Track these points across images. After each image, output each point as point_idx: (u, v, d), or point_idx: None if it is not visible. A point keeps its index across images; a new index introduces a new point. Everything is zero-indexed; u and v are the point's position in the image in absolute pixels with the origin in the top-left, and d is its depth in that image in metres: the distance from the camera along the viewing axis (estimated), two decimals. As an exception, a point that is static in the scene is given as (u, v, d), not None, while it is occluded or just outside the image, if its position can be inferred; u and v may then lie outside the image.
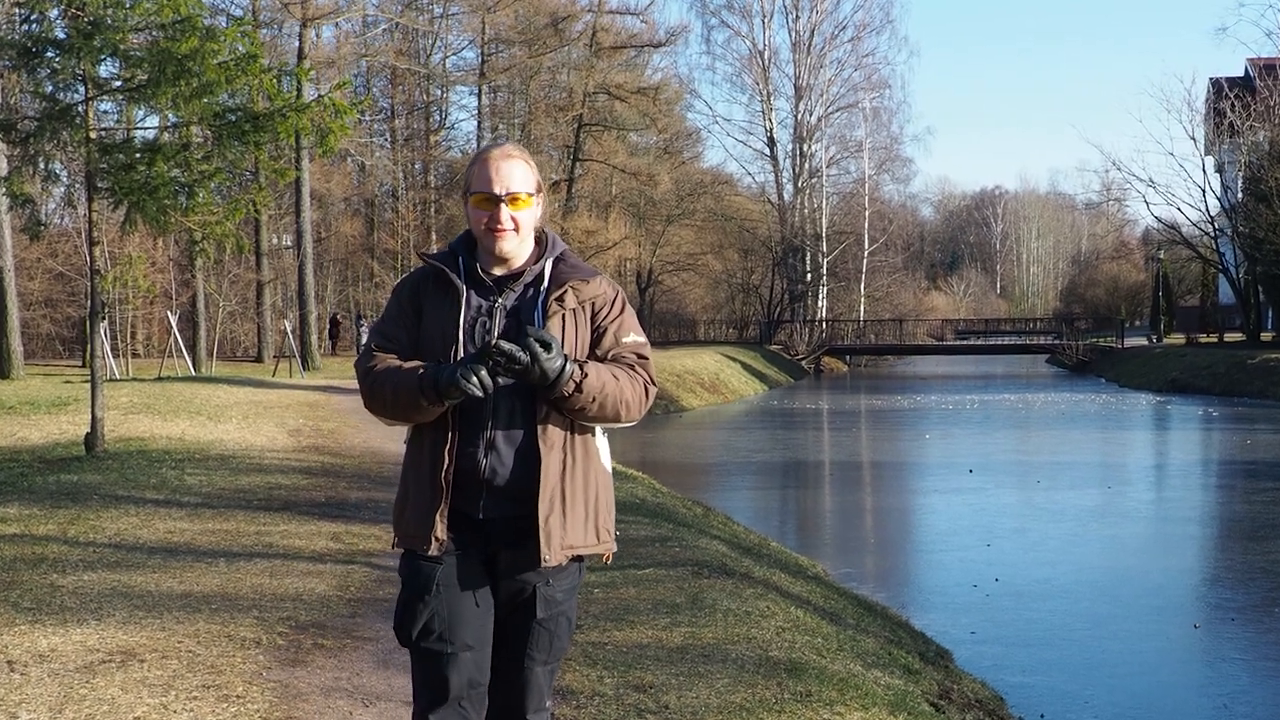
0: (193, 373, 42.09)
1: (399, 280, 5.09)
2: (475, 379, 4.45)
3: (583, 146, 69.95)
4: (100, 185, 19.27)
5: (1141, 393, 57.69)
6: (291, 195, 55.03)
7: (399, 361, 4.76)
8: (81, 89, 19.31)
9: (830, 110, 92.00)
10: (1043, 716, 11.29)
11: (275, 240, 62.60)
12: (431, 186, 69.52)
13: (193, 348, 47.82)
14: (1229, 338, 72.69)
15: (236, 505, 15.38)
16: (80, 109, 19.11)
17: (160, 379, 35.23)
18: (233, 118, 18.97)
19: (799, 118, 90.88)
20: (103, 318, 21.40)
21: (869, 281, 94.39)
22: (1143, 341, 79.95)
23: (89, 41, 18.14)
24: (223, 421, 24.40)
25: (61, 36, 19.11)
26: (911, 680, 9.99)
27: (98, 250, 21.12)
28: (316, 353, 52.34)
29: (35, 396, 26.82)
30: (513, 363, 4.46)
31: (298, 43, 52.36)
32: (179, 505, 15.18)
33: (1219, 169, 75.21)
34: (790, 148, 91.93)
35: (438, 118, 72.82)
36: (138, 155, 19.07)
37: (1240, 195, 69.99)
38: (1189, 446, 37.36)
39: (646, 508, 17.55)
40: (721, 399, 56.57)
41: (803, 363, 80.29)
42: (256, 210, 24.23)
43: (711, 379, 59.33)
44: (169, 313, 45.57)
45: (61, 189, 29.34)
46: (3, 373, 34.52)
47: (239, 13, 49.25)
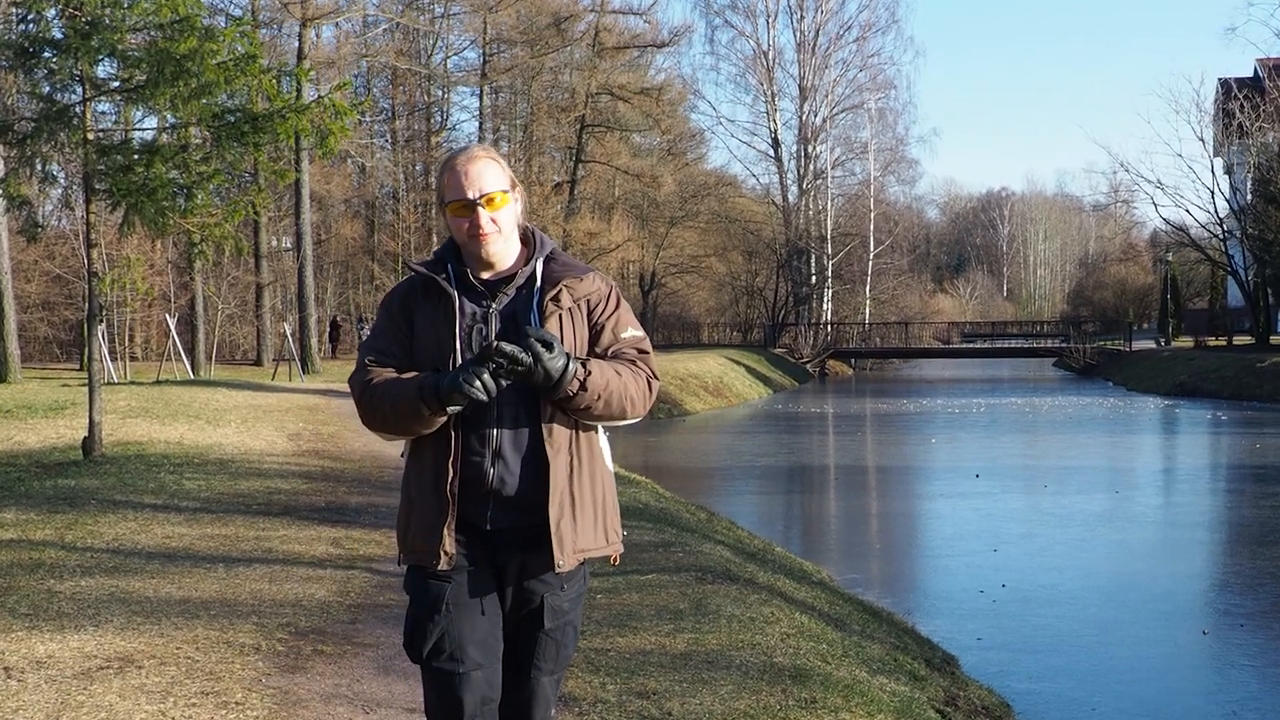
0: (191, 376, 42.07)
1: (387, 293, 5.05)
2: (479, 382, 4.41)
3: (585, 148, 69.99)
4: (98, 187, 19.27)
5: (1149, 396, 57.70)
6: (291, 197, 55.06)
7: (395, 374, 4.73)
8: (79, 90, 19.30)
9: (835, 111, 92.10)
10: (1050, 723, 11.30)
11: (275, 242, 62.65)
12: (433, 188, 69.36)
13: (191, 351, 47.83)
14: (1238, 341, 72.66)
15: (235, 510, 15.38)
16: (78, 110, 19.11)
17: (158, 382, 35.23)
18: (232, 119, 18.96)
19: (803, 118, 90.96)
20: (100, 320, 21.41)
21: (874, 284, 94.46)
22: (1151, 345, 79.91)
23: (86, 42, 18.14)
24: (221, 425, 24.40)
25: (59, 36, 19.11)
26: (917, 687, 9.98)
27: (95, 252, 21.11)
28: (316, 356, 52.36)
29: (32, 400, 26.82)
30: (515, 364, 4.41)
31: (297, 43, 52.42)
32: (177, 510, 15.18)
33: (1228, 170, 75.24)
34: (795, 149, 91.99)
35: (439, 119, 72.83)
36: (136, 156, 19.07)
37: (1249, 197, 70.00)
38: (1197, 450, 37.37)
39: (650, 512, 17.55)
40: (725, 403, 56.58)
41: (807, 366, 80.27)
42: (256, 212, 24.21)
43: (715, 382, 59.33)
44: (167, 315, 45.53)
45: (59, 191, 29.40)
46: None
47: (238, 12, 49.33)
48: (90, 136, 19.17)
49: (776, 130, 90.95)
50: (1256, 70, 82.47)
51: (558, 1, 67.67)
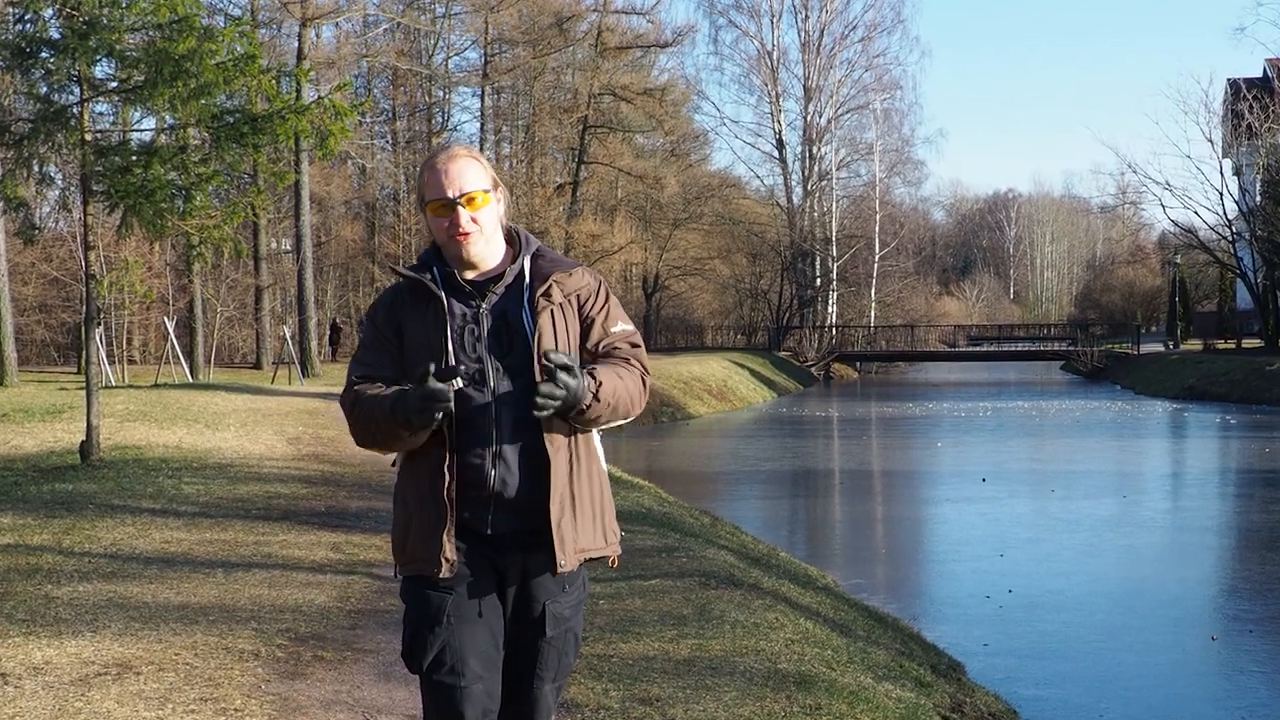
0: (190, 380, 42.10)
1: (371, 303, 5.02)
2: (440, 410, 4.42)
3: (588, 149, 70.01)
4: (96, 188, 19.28)
5: (1158, 400, 57.69)
6: (291, 199, 55.05)
7: (383, 389, 4.68)
8: (76, 90, 19.31)
9: (840, 112, 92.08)
10: (1057, 730, 11.29)
11: (274, 244, 62.60)
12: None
13: (190, 354, 47.86)
14: (1247, 344, 72.65)
15: (234, 515, 15.38)
16: (75, 110, 19.12)
17: (157, 386, 35.24)
18: (231, 119, 18.97)
19: (808, 119, 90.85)
20: (98, 323, 21.44)
21: (880, 286, 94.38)
22: (1159, 348, 79.89)
23: (84, 42, 18.15)
24: (220, 429, 24.40)
25: (56, 36, 19.12)
26: (923, 693, 9.98)
27: (93, 255, 21.10)
28: (316, 359, 52.37)
29: (29, 404, 26.84)
30: (567, 373, 4.40)
31: (297, 43, 52.43)
32: (176, 515, 15.18)
33: (1237, 171, 75.24)
34: (799, 150, 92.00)
35: (440, 119, 72.83)
36: (134, 158, 19.08)
37: (1259, 198, 70.00)
38: (1206, 455, 37.35)
39: (653, 517, 17.54)
40: (729, 406, 56.59)
41: (812, 369, 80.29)
42: (255, 214, 24.21)
43: (719, 386, 59.35)
44: (166, 318, 45.54)
45: (56, 192, 29.33)
46: (-4, 380, 34.56)
47: (237, 12, 49.36)
48: (88, 137, 19.18)
49: (781, 131, 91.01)
50: (1266, 70, 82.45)
51: (560, 1, 67.69)
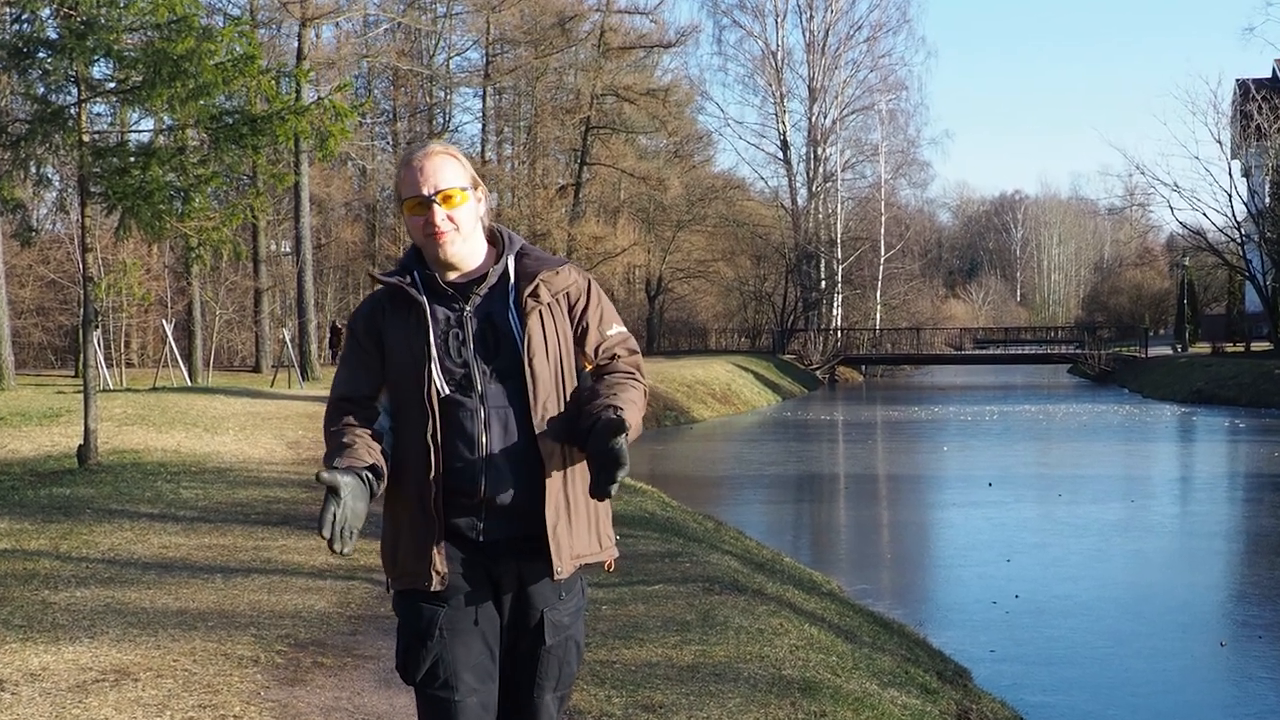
0: (188, 383, 42.10)
1: (351, 314, 4.95)
2: (327, 529, 4.40)
3: (590, 150, 70.08)
4: (93, 190, 19.30)
5: (1166, 403, 57.63)
6: (290, 200, 55.06)
7: (354, 422, 4.65)
8: (74, 91, 19.34)
9: (845, 112, 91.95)
10: (1065, 737, 11.29)
11: (274, 246, 62.67)
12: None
13: (189, 357, 47.91)
14: (1256, 347, 72.56)
15: (234, 519, 15.39)
16: (73, 111, 19.14)
17: (155, 389, 35.25)
18: (230, 120, 18.99)
19: (813, 120, 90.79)
20: (96, 326, 21.45)
21: (885, 289, 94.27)
22: (1167, 351, 79.84)
23: (82, 42, 18.17)
24: (219, 433, 24.41)
25: (53, 36, 19.15)
26: (929, 700, 9.98)
27: (91, 257, 21.11)
28: (316, 362, 52.31)
29: (26, 407, 26.85)
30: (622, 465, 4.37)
31: (297, 43, 52.43)
32: (174, 519, 15.19)
33: (1246, 173, 75.16)
34: (804, 151, 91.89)
35: (441, 120, 72.81)
36: (132, 159, 19.10)
37: (1268, 200, 69.94)
38: (1215, 459, 37.33)
39: (656, 522, 17.55)
40: (733, 410, 56.57)
41: (817, 373, 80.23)
42: (254, 216, 24.22)
43: (723, 389, 59.33)
44: (164, 321, 45.56)
45: (54, 194, 29.46)
46: (-7, 383, 34.58)
47: (236, 12, 49.39)
48: (85, 138, 19.20)
49: (785, 132, 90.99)
50: (1275, 71, 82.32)
51: (562, 1, 67.72)
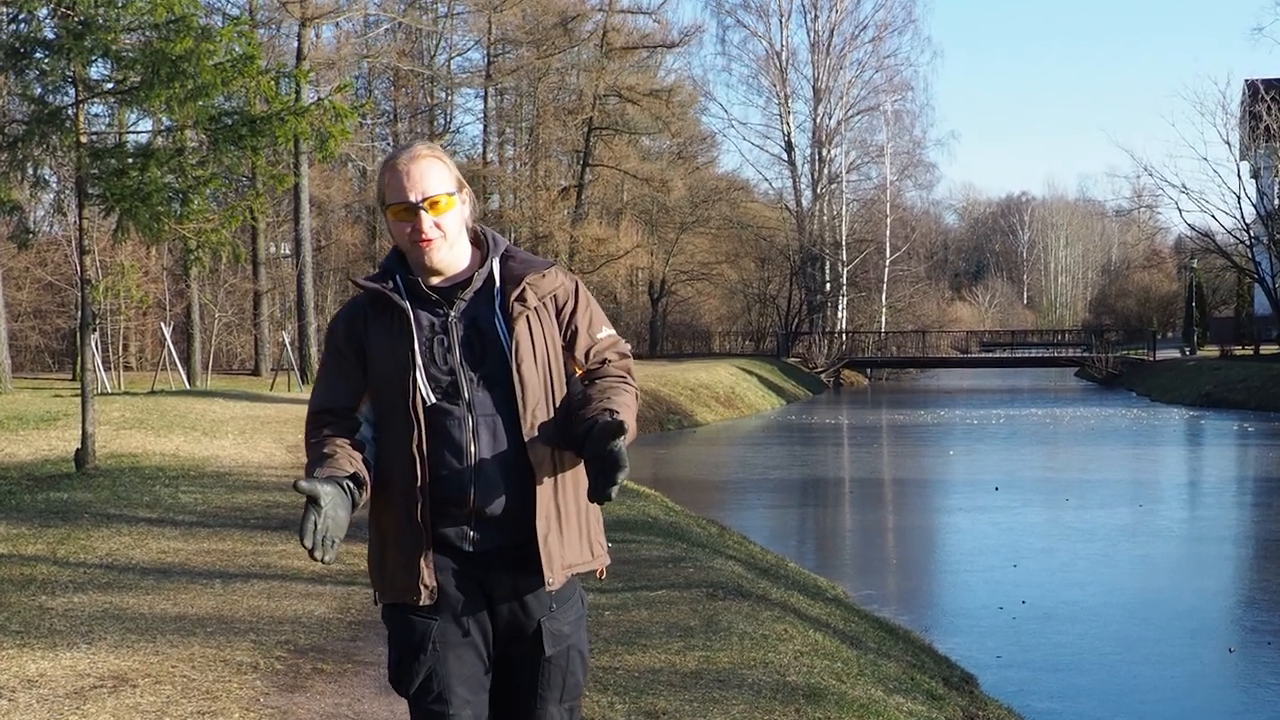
0: (187, 386, 42.12)
1: (331, 319, 4.88)
2: (309, 537, 4.36)
3: (593, 151, 70.09)
4: (91, 191, 19.30)
5: (1174, 407, 57.58)
6: (290, 202, 55.04)
7: (334, 433, 4.59)
8: (71, 91, 19.35)
9: (850, 113, 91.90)
10: (1072, 744, 11.28)
11: (273, 249, 62.66)
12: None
13: (187, 360, 47.88)
14: (1265, 350, 72.48)
15: (233, 524, 15.40)
16: (70, 112, 19.15)
17: (153, 393, 35.25)
18: (229, 121, 18.99)
19: (818, 121, 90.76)
20: (94, 329, 21.47)
21: (891, 292, 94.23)
22: (1175, 354, 79.72)
23: (79, 42, 18.18)
24: (218, 437, 24.42)
25: (51, 36, 19.15)
26: (935, 706, 9.98)
27: (88, 259, 21.12)
28: (316, 365, 52.23)
29: (23, 411, 26.84)
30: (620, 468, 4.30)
31: (296, 43, 52.42)
32: (173, 524, 15.20)
33: (1255, 174, 75.09)
34: (809, 152, 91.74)
35: (442, 121, 72.80)
36: (130, 160, 19.10)
37: (1277, 202, 69.87)
38: (1223, 463, 37.30)
39: (659, 526, 17.55)
40: (737, 414, 56.55)
41: (822, 376, 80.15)
42: (254, 217, 24.22)
43: (727, 393, 59.31)
44: (163, 324, 45.58)
45: (51, 195, 29.45)
46: (-10, 386, 34.59)
47: (235, 12, 49.35)
48: (83, 139, 19.21)
49: (790, 133, 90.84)
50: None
51: (564, 1, 67.72)
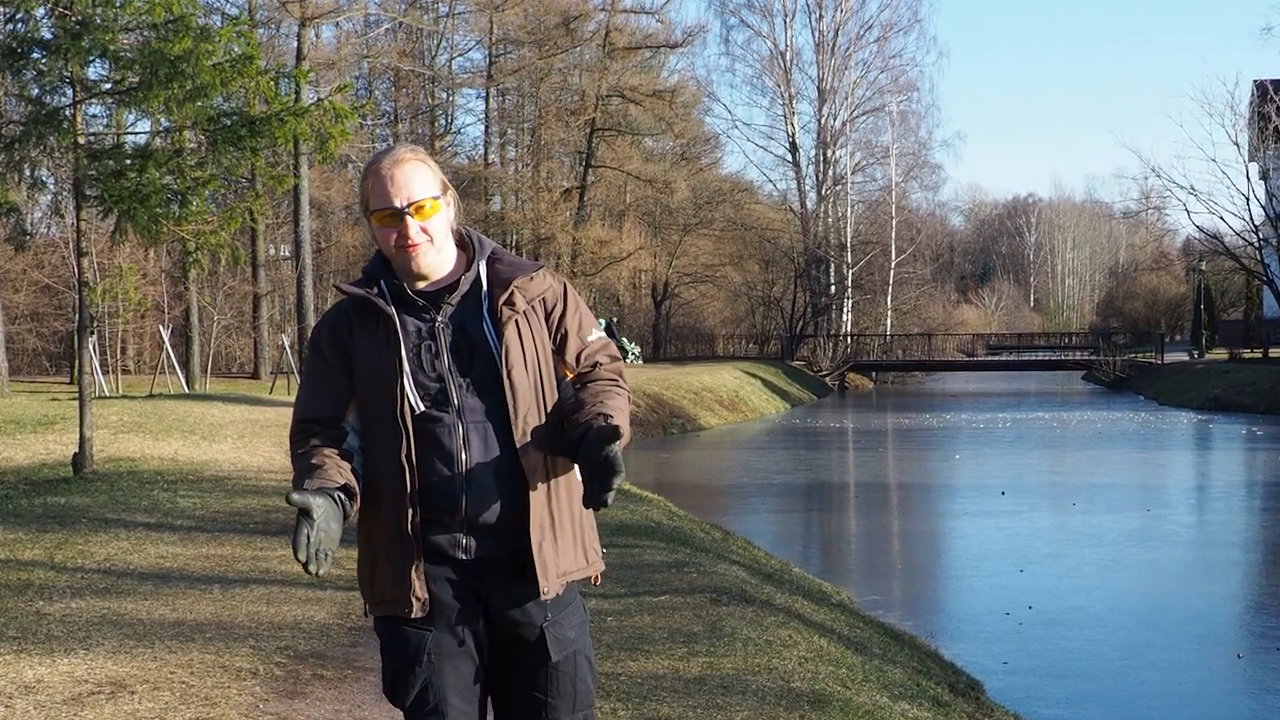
0: (186, 390, 42.12)
1: (314, 326, 4.83)
2: (302, 550, 4.23)
3: (595, 152, 70.09)
4: (89, 193, 19.31)
5: (1182, 411, 57.54)
6: (290, 203, 55.03)
7: (320, 444, 4.53)
8: (69, 92, 19.35)
9: (855, 114, 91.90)
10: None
11: (273, 251, 62.69)
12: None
13: (186, 364, 47.89)
14: (1274, 353, 72.39)
15: (232, 529, 15.40)
16: (68, 113, 19.15)
17: (152, 396, 35.25)
18: (228, 122, 18.99)
19: (822, 122, 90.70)
20: (91, 332, 21.48)
21: (896, 294, 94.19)
22: (1183, 357, 79.68)
23: (77, 42, 18.18)
24: (217, 441, 24.42)
25: (48, 36, 19.15)
26: (941, 713, 9.98)
27: (86, 261, 21.14)
28: (313, 370, 52.19)
29: (20, 415, 26.84)
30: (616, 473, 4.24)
31: (296, 43, 52.40)
32: (171, 529, 15.20)
33: (1263, 175, 75.00)
34: (813, 153, 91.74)
35: (443, 122, 72.89)
36: (128, 161, 19.10)
37: (1286, 203, 69.84)
38: (1232, 467, 37.29)
39: (662, 531, 17.54)
40: (741, 417, 56.55)
41: (826, 379, 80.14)
42: (253, 219, 24.24)
43: (730, 396, 59.30)
44: (161, 327, 45.55)
45: (48, 197, 29.51)
46: (-13, 390, 34.60)
47: (234, 12, 49.39)
48: (81, 140, 19.22)
49: (794, 134, 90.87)
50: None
51: (566, 0, 67.71)
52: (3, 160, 19.75)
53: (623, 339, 71.32)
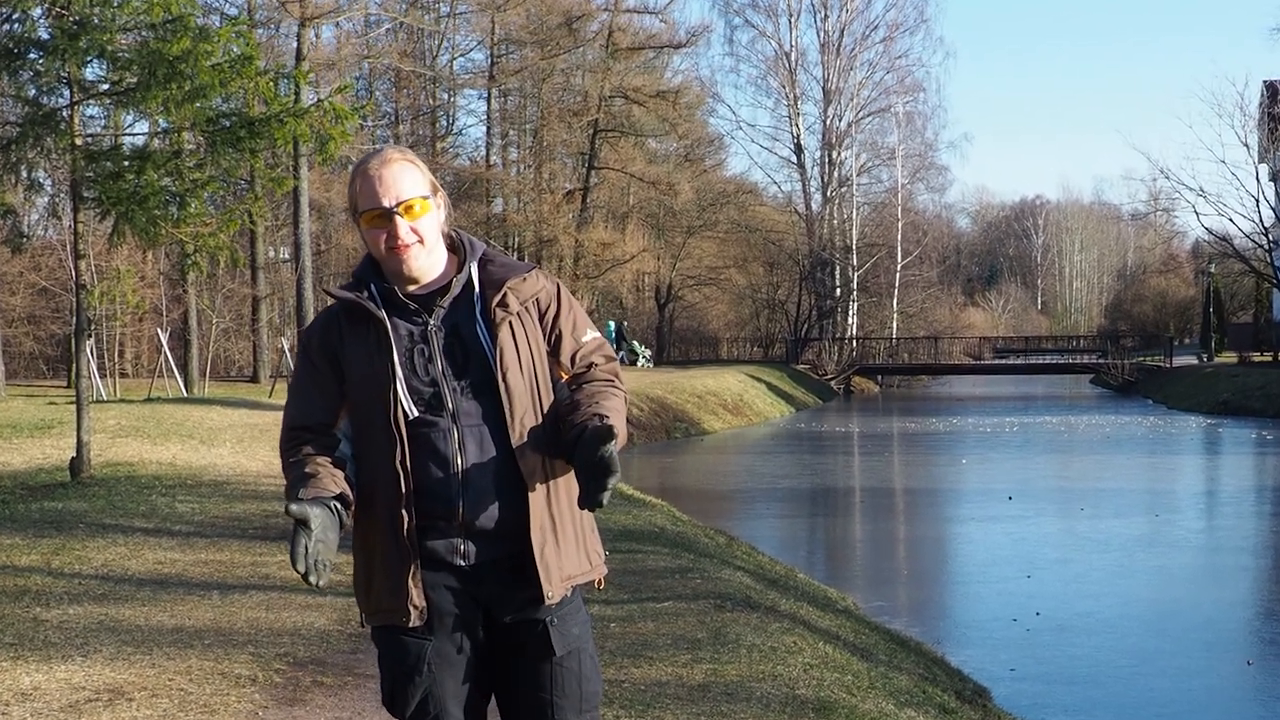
0: (184, 394, 42.11)
1: (304, 331, 4.81)
2: (301, 561, 4.24)
3: (598, 153, 70.09)
4: (86, 195, 19.33)
5: (1191, 415, 57.48)
6: (289, 205, 54.97)
7: (313, 451, 4.53)
8: (66, 93, 19.36)
9: (861, 115, 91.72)
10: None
11: (272, 253, 62.62)
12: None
13: (184, 367, 47.87)
14: (1284, 356, 72.46)
15: (231, 534, 15.40)
16: (65, 114, 19.16)
17: (150, 400, 35.23)
18: (227, 123, 19.00)
19: (828, 123, 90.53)
20: (89, 335, 21.48)
21: (902, 297, 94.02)
22: (1192, 360, 79.63)
23: (74, 42, 18.19)
24: (216, 445, 24.42)
25: (45, 37, 19.17)
26: (947, 720, 9.97)
27: (84, 264, 21.17)
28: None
29: (17, 419, 26.85)
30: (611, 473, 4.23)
31: (296, 43, 52.34)
32: (170, 534, 15.20)
33: (1273, 177, 75.03)
34: (818, 155, 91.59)
35: (445, 123, 72.85)
36: (126, 163, 19.11)
37: (1296, 205, 69.86)
38: (1241, 472, 37.26)
39: (666, 537, 17.53)
40: (745, 421, 56.50)
41: (832, 383, 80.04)
42: (252, 221, 24.28)
43: (734, 400, 59.26)
44: (159, 330, 45.54)
45: (45, 199, 29.49)
46: (-17, 393, 34.62)
47: (233, 12, 49.39)
48: (78, 142, 19.23)
49: (799, 135, 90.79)
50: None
51: (569, 0, 67.69)
52: (-1, 162, 19.79)
53: (634, 342, 71.35)
